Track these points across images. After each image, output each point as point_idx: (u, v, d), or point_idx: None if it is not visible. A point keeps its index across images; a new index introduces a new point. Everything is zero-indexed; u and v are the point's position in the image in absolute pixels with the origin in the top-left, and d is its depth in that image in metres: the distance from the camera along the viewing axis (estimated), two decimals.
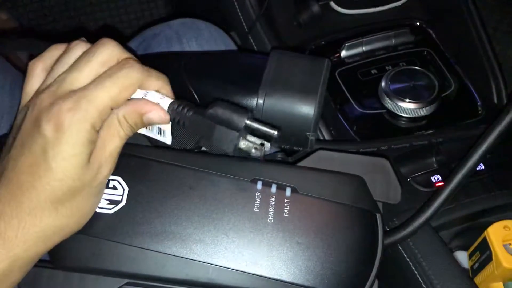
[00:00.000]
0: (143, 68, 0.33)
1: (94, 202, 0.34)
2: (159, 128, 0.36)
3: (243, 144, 0.34)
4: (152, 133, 0.37)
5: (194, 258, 0.34)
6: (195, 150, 0.40)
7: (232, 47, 0.64)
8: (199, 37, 0.61)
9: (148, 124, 0.35)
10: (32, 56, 0.36)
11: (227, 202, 0.35)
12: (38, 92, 0.33)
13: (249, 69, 0.43)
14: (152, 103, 0.34)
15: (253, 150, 0.34)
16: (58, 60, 0.34)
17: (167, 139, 0.37)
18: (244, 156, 0.39)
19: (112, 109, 0.33)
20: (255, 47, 0.68)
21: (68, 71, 0.33)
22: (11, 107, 0.56)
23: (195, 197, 0.36)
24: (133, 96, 0.34)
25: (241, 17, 0.68)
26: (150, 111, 0.34)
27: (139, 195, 0.35)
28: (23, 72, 0.60)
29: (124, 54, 0.34)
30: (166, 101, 0.34)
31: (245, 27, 0.68)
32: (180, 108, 0.34)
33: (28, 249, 0.31)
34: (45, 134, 0.30)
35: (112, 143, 0.33)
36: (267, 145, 0.35)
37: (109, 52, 0.33)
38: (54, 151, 0.30)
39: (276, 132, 0.34)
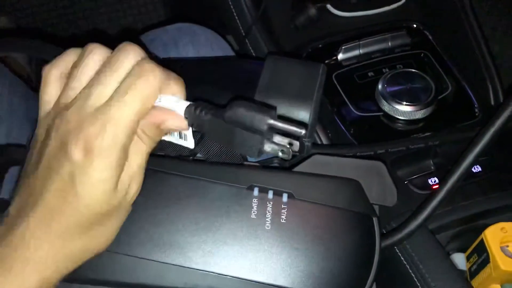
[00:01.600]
0: (162, 71, 0.31)
1: (123, 220, 0.34)
2: (180, 133, 0.35)
3: (268, 147, 0.31)
4: (174, 138, 0.35)
5: (193, 267, 0.34)
6: (191, 158, 0.40)
7: (229, 51, 0.64)
8: (196, 42, 0.61)
9: (167, 132, 0.33)
10: (45, 60, 0.35)
11: (224, 210, 0.35)
12: (61, 106, 0.31)
13: (245, 75, 0.43)
14: (167, 111, 0.32)
15: (280, 154, 0.31)
16: (75, 66, 0.32)
17: (190, 143, 0.35)
18: (241, 163, 0.40)
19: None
20: (252, 50, 0.68)
21: (92, 84, 0.31)
22: (10, 113, 0.56)
23: (192, 206, 0.36)
24: None
25: (237, 21, 0.68)
26: (166, 120, 0.32)
27: (136, 205, 0.35)
28: (19, 76, 0.60)
29: (142, 56, 0.32)
30: (182, 105, 0.32)
31: (242, 31, 0.68)
32: (198, 111, 0.31)
33: (57, 270, 0.31)
34: (73, 159, 0.29)
35: (136, 161, 0.32)
36: (296, 143, 0.31)
37: (134, 60, 0.31)
38: (83, 177, 0.29)
39: (303, 131, 0.30)
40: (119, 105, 0.30)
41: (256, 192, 0.36)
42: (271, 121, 0.30)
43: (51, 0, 1.18)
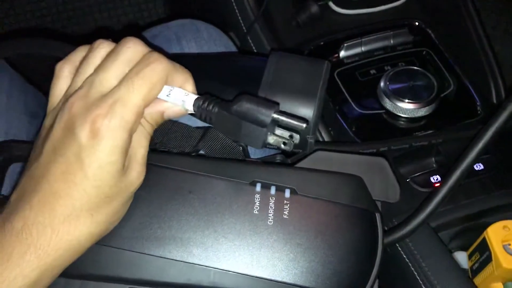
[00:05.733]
0: (169, 62, 0.33)
1: (127, 206, 0.34)
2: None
3: (271, 139, 0.33)
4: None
5: (195, 262, 0.34)
6: (193, 154, 0.40)
7: (232, 48, 0.64)
8: (198, 38, 0.61)
9: (166, 119, 0.35)
10: (59, 58, 0.36)
11: (226, 205, 0.35)
12: (68, 95, 0.32)
13: (248, 71, 0.43)
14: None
15: (282, 145, 0.33)
16: (83, 61, 0.33)
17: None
18: (243, 159, 0.39)
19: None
20: (253, 47, 0.68)
21: (95, 72, 0.32)
22: (8, 107, 0.56)
23: (194, 201, 0.35)
24: (159, 95, 0.33)
25: (239, 18, 0.68)
26: (169, 108, 0.34)
27: (138, 200, 0.35)
28: (19, 72, 0.59)
29: (148, 50, 0.33)
30: (190, 98, 0.34)
31: (244, 28, 0.68)
32: (206, 104, 0.34)
33: (59, 258, 0.30)
34: (80, 141, 0.30)
35: (138, 146, 0.33)
36: (296, 136, 0.33)
37: (133, 49, 0.32)
38: (90, 159, 0.30)
39: (304, 125, 0.33)
40: (127, 89, 0.31)
41: (258, 187, 0.36)
42: (275, 115, 0.33)
43: None
